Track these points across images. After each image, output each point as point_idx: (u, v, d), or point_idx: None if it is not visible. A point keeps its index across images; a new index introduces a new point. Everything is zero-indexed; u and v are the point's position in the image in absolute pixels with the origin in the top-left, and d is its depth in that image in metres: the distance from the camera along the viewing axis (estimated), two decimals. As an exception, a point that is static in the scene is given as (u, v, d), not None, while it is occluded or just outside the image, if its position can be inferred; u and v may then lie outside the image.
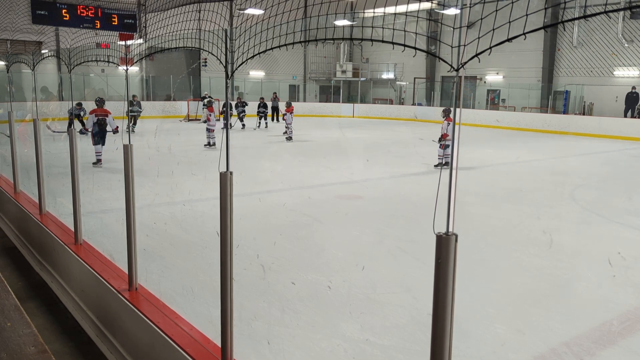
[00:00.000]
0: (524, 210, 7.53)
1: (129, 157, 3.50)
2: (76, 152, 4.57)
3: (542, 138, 18.67)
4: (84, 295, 4.15)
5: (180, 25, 3.25)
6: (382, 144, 16.18)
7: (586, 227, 6.88)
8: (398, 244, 5.83)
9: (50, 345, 3.30)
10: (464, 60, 1.53)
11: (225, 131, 2.64)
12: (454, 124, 1.59)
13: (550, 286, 4.73)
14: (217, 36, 2.69)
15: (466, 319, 3.85)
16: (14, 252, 5.78)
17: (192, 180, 8.97)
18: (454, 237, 1.63)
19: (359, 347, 3.49)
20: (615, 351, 3.57)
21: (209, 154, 11.21)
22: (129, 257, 3.55)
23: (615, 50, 20.68)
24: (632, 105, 20.18)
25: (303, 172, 10.68)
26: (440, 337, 1.65)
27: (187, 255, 5.32)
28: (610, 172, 11.85)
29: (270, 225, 6.49)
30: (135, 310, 3.27)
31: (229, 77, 2.55)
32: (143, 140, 15.14)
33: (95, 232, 5.70)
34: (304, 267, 5.00)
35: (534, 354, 3.49)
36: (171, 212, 6.94)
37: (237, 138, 15.96)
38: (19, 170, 6.60)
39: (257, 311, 3.96)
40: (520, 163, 12.56)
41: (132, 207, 3.55)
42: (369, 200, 8.13)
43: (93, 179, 8.97)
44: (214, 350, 2.79)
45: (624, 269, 5.18)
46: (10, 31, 21.21)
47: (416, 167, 11.27)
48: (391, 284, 4.64)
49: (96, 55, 4.57)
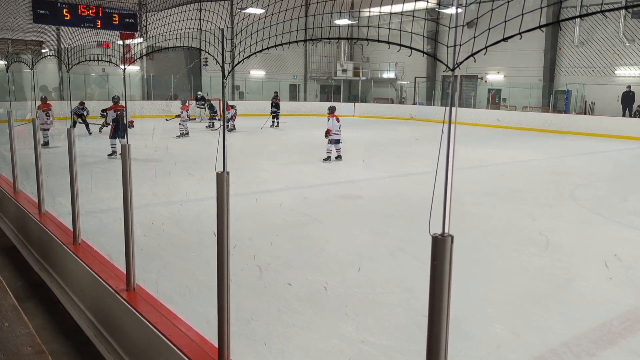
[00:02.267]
0: (524, 209, 7.51)
1: (127, 157, 3.50)
2: (75, 152, 4.57)
3: (542, 137, 18.64)
4: (82, 295, 4.14)
5: (181, 25, 3.24)
6: (382, 143, 16.17)
7: (586, 227, 6.86)
8: (397, 243, 5.82)
9: (48, 345, 3.29)
10: (460, 60, 1.52)
11: (222, 132, 2.63)
12: (449, 122, 1.58)
13: (550, 286, 4.72)
14: (215, 36, 2.68)
15: (466, 319, 3.84)
16: (13, 252, 5.78)
17: (190, 180, 8.97)
18: (450, 239, 1.61)
19: (357, 347, 3.48)
20: (615, 351, 3.56)
21: (206, 154, 11.22)
22: (127, 257, 3.55)
23: (616, 50, 20.64)
24: (628, 104, 20.15)
25: (302, 171, 10.66)
26: (436, 338, 1.64)
27: (184, 255, 5.31)
28: (611, 172, 11.83)
29: (267, 225, 6.48)
30: (133, 311, 3.27)
31: (225, 76, 2.54)
32: (141, 140, 15.14)
33: (94, 231, 5.70)
34: (302, 267, 4.99)
35: (534, 354, 3.47)
36: (169, 212, 6.94)
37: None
38: (18, 170, 6.60)
39: (254, 311, 3.95)
40: (520, 162, 12.54)
41: (130, 207, 3.55)
42: (368, 199, 8.12)
43: (92, 178, 8.96)
44: (211, 350, 2.78)
45: (624, 269, 5.16)
46: (11, 30, 21.22)
47: (416, 166, 11.26)
48: (390, 283, 4.63)
49: (96, 55, 4.57)
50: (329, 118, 11.48)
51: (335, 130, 11.38)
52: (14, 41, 21.77)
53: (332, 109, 11.70)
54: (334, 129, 11.34)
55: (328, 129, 11.36)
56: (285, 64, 29.82)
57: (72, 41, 5.21)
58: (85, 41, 4.82)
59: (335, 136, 11.43)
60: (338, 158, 11.64)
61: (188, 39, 3.15)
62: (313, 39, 2.12)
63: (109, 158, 11.24)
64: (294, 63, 30.51)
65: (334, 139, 11.43)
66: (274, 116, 20.22)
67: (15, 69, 7.73)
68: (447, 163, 1.60)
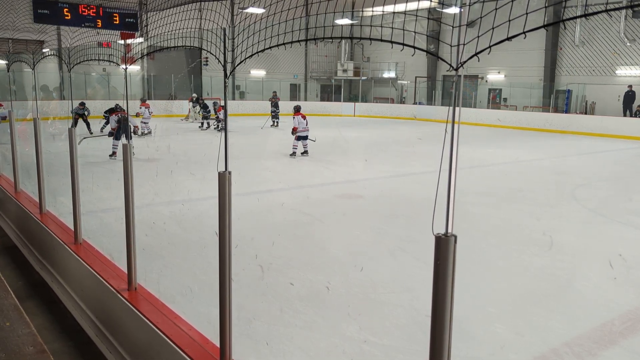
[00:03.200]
0: (525, 209, 7.50)
1: (128, 157, 3.49)
2: (76, 152, 4.57)
3: (543, 137, 18.63)
4: (83, 295, 4.14)
5: (181, 24, 3.24)
6: (383, 143, 16.16)
7: (587, 226, 6.85)
8: (398, 243, 5.81)
9: (49, 345, 3.29)
10: (463, 60, 1.52)
11: (223, 131, 2.63)
12: (452, 122, 1.58)
13: (551, 286, 4.71)
14: (216, 35, 2.68)
15: (467, 319, 3.84)
16: (14, 251, 5.78)
17: (191, 179, 8.97)
18: (453, 238, 1.61)
19: (358, 347, 3.48)
20: (617, 351, 3.55)
21: (207, 153, 11.25)
22: (128, 256, 3.55)
23: (617, 49, 20.62)
24: (629, 104, 20.14)
25: (303, 171, 10.66)
26: (439, 339, 1.64)
27: (186, 254, 5.31)
28: (612, 172, 11.81)
29: (269, 224, 6.48)
30: (135, 311, 3.26)
31: (227, 76, 2.54)
32: (142, 139, 15.15)
33: (95, 231, 5.70)
34: (304, 266, 4.99)
35: (535, 354, 3.47)
36: (170, 212, 6.94)
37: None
38: (19, 170, 6.60)
39: (256, 311, 3.95)
40: (521, 162, 12.54)
41: (131, 206, 3.54)
42: (369, 199, 8.11)
43: (93, 178, 8.97)
44: (212, 350, 2.78)
45: (626, 269, 5.16)
46: (12, 30, 21.23)
47: (416, 166, 11.25)
48: (391, 283, 4.62)
49: (98, 54, 4.56)
50: (295, 116, 11.97)
51: (302, 128, 11.92)
52: (15, 41, 21.78)
53: (297, 108, 12.37)
54: (300, 127, 11.88)
55: (294, 126, 11.91)
56: (285, 64, 29.80)
57: (72, 41, 5.21)
58: (86, 41, 4.82)
59: (302, 133, 11.97)
60: (304, 154, 12.14)
61: (189, 38, 3.14)
62: (315, 38, 2.11)
63: (110, 158, 11.32)
64: (295, 63, 30.50)
65: (301, 135, 11.99)
66: (273, 116, 20.28)
67: (16, 69, 7.73)
68: (450, 163, 1.60)
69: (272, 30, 2.36)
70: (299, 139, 12.06)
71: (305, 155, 12.11)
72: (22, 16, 20.55)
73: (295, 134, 12.01)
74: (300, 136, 12.01)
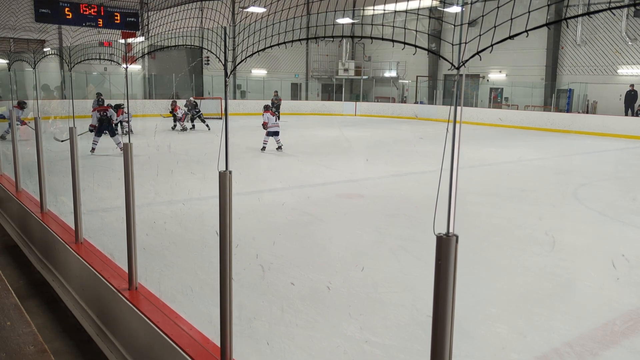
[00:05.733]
0: (527, 209, 7.49)
1: (129, 156, 3.49)
2: (77, 151, 4.56)
3: (545, 137, 18.60)
4: (84, 294, 4.14)
5: (182, 23, 3.24)
6: (384, 142, 16.15)
7: (589, 226, 6.84)
8: (399, 243, 5.81)
9: (50, 344, 3.29)
10: (465, 59, 1.51)
11: (224, 131, 2.62)
12: (454, 122, 1.57)
13: (553, 286, 4.70)
14: (217, 34, 2.67)
15: (468, 319, 3.83)
16: (15, 250, 5.78)
17: (192, 179, 8.97)
18: (455, 238, 1.60)
19: (359, 346, 3.47)
20: (618, 351, 3.54)
21: (208, 152, 11.25)
22: (129, 256, 3.54)
23: (618, 49, 20.58)
24: (631, 103, 20.10)
25: (304, 170, 10.66)
26: (440, 339, 1.63)
27: (187, 254, 5.31)
28: (613, 171, 11.79)
29: (270, 224, 6.47)
30: (135, 310, 3.26)
31: (227, 75, 2.53)
32: (143, 139, 15.15)
33: (96, 230, 5.70)
34: (305, 266, 4.98)
35: (537, 354, 3.46)
36: (171, 211, 6.93)
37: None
38: (20, 169, 6.60)
39: (257, 311, 3.94)
40: (523, 162, 12.51)
41: (132, 205, 3.54)
42: (370, 199, 8.11)
43: (94, 177, 8.97)
44: (213, 350, 2.78)
45: (628, 269, 5.14)
46: (13, 29, 21.25)
47: (418, 166, 11.24)
48: (392, 283, 4.62)
49: (99, 54, 4.56)
50: (264, 113, 12.69)
51: (272, 123, 12.57)
52: (16, 40, 21.80)
53: (267, 107, 13.22)
54: (270, 122, 12.53)
55: (264, 121, 12.64)
56: (286, 63, 29.79)
57: (73, 40, 5.20)
58: (87, 40, 4.81)
59: (272, 128, 12.60)
60: (278, 149, 12.69)
61: (190, 37, 3.14)
62: (316, 37, 2.10)
63: (91, 154, 11.62)
64: (296, 62, 30.49)
65: (271, 131, 12.63)
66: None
67: (17, 68, 7.74)
68: (452, 162, 1.59)
69: (273, 29, 2.35)
70: (270, 135, 12.66)
71: (280, 151, 12.57)
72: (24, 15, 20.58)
73: (266, 129, 12.64)
74: (270, 132, 12.63)
